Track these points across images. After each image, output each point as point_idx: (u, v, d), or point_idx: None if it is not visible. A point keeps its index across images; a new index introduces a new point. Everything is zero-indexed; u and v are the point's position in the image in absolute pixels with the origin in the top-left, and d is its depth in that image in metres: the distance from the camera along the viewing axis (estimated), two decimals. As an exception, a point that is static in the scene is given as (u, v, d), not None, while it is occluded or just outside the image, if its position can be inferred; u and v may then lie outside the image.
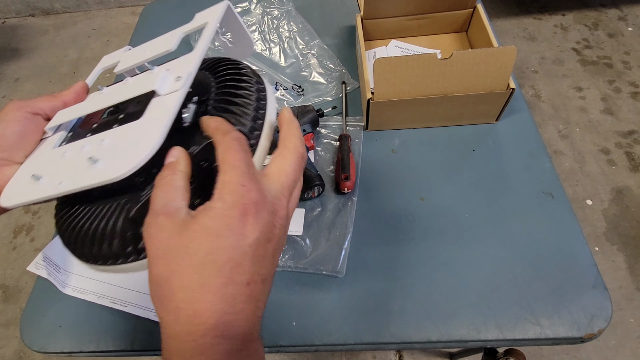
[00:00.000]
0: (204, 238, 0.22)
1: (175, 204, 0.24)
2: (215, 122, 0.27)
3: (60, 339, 0.53)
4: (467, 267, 0.54)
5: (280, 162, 0.28)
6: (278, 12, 0.87)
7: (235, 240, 0.23)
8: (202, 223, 0.23)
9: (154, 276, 0.23)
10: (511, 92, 0.60)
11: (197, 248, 0.22)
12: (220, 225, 0.23)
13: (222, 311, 0.22)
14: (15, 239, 1.50)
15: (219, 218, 0.23)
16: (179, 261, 0.22)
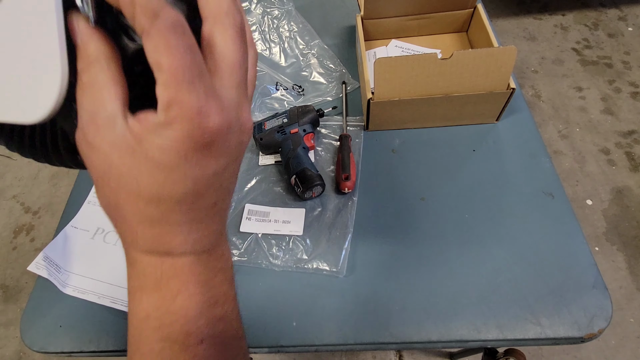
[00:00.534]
0: (154, 171, 0.19)
1: (105, 112, 0.18)
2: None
3: (60, 339, 0.53)
4: (467, 267, 0.54)
5: (223, 47, 0.19)
6: (278, 12, 0.87)
7: (195, 173, 0.19)
8: (150, 154, 0.18)
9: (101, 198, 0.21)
10: (511, 92, 0.60)
11: (147, 181, 0.19)
12: (173, 158, 0.18)
13: (188, 231, 0.21)
14: (15, 239, 1.50)
15: (171, 151, 0.18)
16: (127, 191, 0.19)
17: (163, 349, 0.21)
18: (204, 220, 0.22)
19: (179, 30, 0.17)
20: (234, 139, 0.20)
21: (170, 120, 0.18)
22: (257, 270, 0.56)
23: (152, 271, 0.21)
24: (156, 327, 0.22)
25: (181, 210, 0.20)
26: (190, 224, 0.21)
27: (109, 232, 0.60)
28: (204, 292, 0.22)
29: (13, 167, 1.70)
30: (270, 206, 0.61)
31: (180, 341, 0.22)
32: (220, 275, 0.23)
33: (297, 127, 0.64)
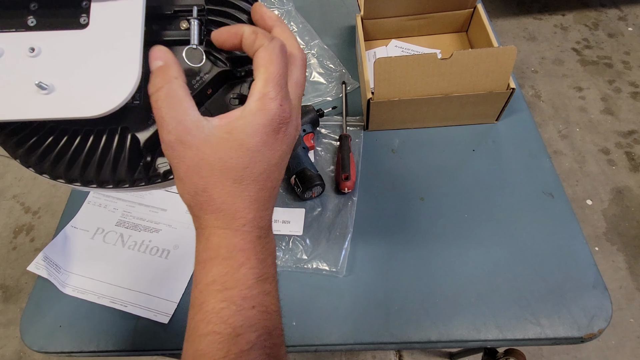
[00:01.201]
0: (242, 153, 0.25)
1: (190, 118, 0.24)
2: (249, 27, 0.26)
3: (60, 339, 0.53)
4: (467, 267, 0.54)
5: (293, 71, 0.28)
6: (278, 12, 0.87)
7: (270, 155, 0.26)
8: (240, 140, 0.24)
9: (189, 187, 0.25)
10: (511, 92, 0.60)
11: (236, 163, 0.25)
12: (258, 141, 0.25)
13: (257, 209, 0.26)
14: (15, 239, 1.50)
15: (257, 135, 0.25)
16: (217, 174, 0.25)
17: (222, 308, 0.25)
18: (268, 201, 0.27)
19: (283, 50, 0.26)
20: (292, 131, 0.27)
21: (260, 107, 0.25)
22: (257, 270, 0.56)
23: (225, 243, 0.26)
24: (220, 289, 0.25)
25: (255, 188, 0.26)
26: (259, 202, 0.26)
27: (109, 232, 0.60)
28: (261, 268, 0.26)
29: (13, 167, 1.70)
30: (270, 206, 0.61)
31: (237, 303, 0.25)
32: (270, 258, 0.28)
33: (297, 127, 0.64)
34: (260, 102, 0.25)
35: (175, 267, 0.57)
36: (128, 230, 0.60)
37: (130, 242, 0.59)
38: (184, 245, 0.59)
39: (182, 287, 0.55)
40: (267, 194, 0.27)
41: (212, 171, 0.25)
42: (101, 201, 0.64)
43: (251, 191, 0.26)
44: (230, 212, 0.26)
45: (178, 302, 0.54)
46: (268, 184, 0.26)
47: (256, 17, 0.29)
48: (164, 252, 0.58)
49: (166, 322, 0.52)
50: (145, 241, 0.59)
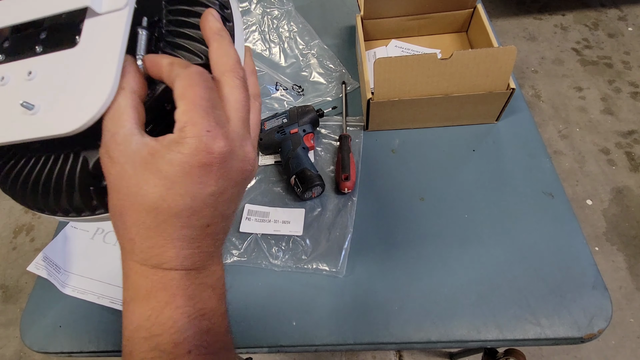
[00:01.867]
0: (158, 182, 0.21)
1: (123, 131, 0.22)
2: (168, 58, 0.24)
3: (60, 339, 0.53)
4: (467, 267, 0.54)
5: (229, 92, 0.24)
6: (278, 12, 0.87)
7: (195, 190, 0.22)
8: (158, 166, 0.21)
9: (111, 207, 0.23)
10: (511, 92, 0.60)
11: (151, 191, 0.21)
12: (178, 172, 0.21)
13: (180, 247, 0.23)
14: (15, 239, 1.50)
15: (178, 165, 0.21)
16: (132, 199, 0.22)
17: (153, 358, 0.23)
18: (196, 240, 0.23)
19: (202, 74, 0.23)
20: (235, 165, 0.23)
21: (183, 136, 0.21)
22: (257, 270, 0.56)
23: (144, 282, 0.23)
24: (146, 337, 0.23)
25: (176, 224, 0.22)
26: (182, 240, 0.23)
27: (109, 233, 0.60)
28: (192, 305, 0.24)
29: (13, 167, 1.70)
30: (270, 206, 0.61)
31: (168, 351, 0.23)
32: (208, 291, 0.25)
33: (297, 127, 0.64)
34: (182, 132, 0.21)
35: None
36: (128, 230, 0.60)
37: (130, 242, 0.59)
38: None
39: (182, 287, 0.55)
40: (194, 233, 0.23)
41: (128, 195, 0.22)
42: (101, 201, 0.64)
43: (169, 227, 0.22)
44: (144, 247, 0.23)
45: (178, 302, 0.54)
46: (194, 221, 0.23)
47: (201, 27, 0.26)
48: (164, 252, 0.58)
49: (166, 322, 0.52)
50: (145, 241, 0.59)
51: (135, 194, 0.22)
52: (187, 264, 0.23)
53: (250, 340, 0.51)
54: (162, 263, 0.23)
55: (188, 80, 0.22)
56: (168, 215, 0.22)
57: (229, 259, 0.57)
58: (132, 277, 0.23)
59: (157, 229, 0.22)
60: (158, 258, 0.23)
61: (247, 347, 0.51)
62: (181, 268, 0.23)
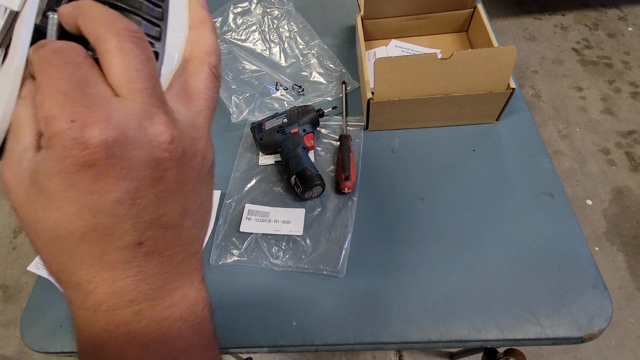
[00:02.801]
0: (46, 203, 0.16)
1: (19, 148, 0.17)
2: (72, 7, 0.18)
3: (60, 339, 0.53)
4: (467, 267, 0.54)
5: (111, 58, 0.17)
6: (278, 12, 0.87)
7: (90, 203, 0.16)
8: (40, 183, 0.16)
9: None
10: (511, 92, 0.60)
11: (44, 217, 0.17)
12: (59, 184, 0.16)
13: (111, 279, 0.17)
14: (15, 239, 1.50)
15: (55, 176, 0.16)
16: (34, 232, 0.18)
17: None
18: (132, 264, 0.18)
19: (61, 49, 0.17)
20: (137, 155, 0.16)
21: (47, 138, 0.16)
22: (257, 270, 0.56)
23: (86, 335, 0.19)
24: None
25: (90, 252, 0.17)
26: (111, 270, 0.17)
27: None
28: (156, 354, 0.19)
29: (13, 167, 1.70)
30: (270, 206, 0.61)
31: None
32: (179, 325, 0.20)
33: (297, 127, 0.64)
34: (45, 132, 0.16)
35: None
36: (128, 230, 0.60)
37: (130, 242, 0.59)
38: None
39: (182, 287, 0.55)
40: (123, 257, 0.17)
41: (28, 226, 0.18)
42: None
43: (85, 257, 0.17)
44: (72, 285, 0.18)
45: (178, 302, 0.54)
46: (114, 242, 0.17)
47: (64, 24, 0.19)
48: (164, 252, 0.58)
49: (166, 322, 0.52)
50: (145, 241, 0.59)
51: (33, 224, 0.17)
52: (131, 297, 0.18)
53: (250, 340, 0.51)
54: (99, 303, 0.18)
55: (41, 63, 0.16)
56: (74, 242, 0.17)
57: (229, 258, 0.57)
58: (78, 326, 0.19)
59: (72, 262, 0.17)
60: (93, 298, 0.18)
61: (247, 347, 0.51)
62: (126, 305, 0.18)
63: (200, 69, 0.21)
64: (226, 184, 0.64)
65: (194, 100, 0.20)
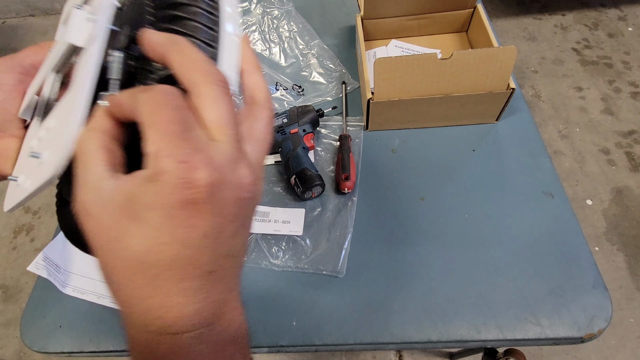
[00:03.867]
0: (140, 232, 0.18)
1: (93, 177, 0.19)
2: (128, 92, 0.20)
3: (60, 339, 0.53)
4: (467, 267, 0.54)
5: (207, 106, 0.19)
6: (278, 12, 0.87)
7: (183, 236, 0.18)
8: (136, 212, 0.18)
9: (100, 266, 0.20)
10: (511, 92, 0.60)
11: (134, 243, 0.18)
12: (160, 217, 0.17)
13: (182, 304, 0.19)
14: (15, 239, 1.50)
15: (157, 208, 0.17)
16: (115, 256, 0.19)
17: None
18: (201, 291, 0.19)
19: (167, 92, 0.19)
20: (228, 196, 0.19)
21: (156, 172, 0.17)
22: (257, 270, 0.56)
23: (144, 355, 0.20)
24: None
25: (171, 279, 0.18)
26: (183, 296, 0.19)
27: (109, 232, 0.60)
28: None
29: (13, 167, 1.70)
30: (270, 206, 0.61)
31: None
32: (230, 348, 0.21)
33: (297, 127, 0.64)
34: (153, 168, 0.17)
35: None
36: (128, 230, 0.60)
37: (130, 242, 0.59)
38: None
39: (182, 287, 0.55)
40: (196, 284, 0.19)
41: (110, 251, 0.19)
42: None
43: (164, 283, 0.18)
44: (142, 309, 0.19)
45: (178, 302, 0.54)
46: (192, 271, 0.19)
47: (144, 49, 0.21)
48: (164, 252, 0.58)
49: (166, 322, 0.52)
50: (145, 241, 0.59)
51: (117, 249, 0.18)
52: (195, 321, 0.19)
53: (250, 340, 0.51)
54: (167, 327, 0.19)
55: (151, 104, 0.18)
56: (159, 269, 0.18)
57: (229, 259, 0.57)
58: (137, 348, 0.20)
59: (150, 287, 0.18)
60: (160, 321, 0.19)
61: (247, 347, 0.51)
62: (190, 329, 0.19)
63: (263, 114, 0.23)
64: (226, 184, 0.64)
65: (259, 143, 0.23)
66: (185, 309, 0.19)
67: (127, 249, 0.18)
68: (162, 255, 0.18)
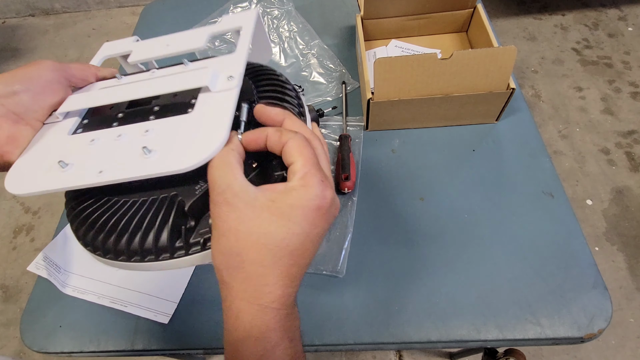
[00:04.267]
0: (282, 224, 0.25)
1: (238, 183, 0.25)
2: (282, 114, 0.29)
3: (60, 339, 0.53)
4: (467, 267, 0.54)
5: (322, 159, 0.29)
6: (278, 12, 0.87)
7: (308, 230, 0.25)
8: (281, 209, 0.25)
9: (223, 248, 0.25)
10: (511, 92, 0.60)
11: (275, 231, 0.25)
12: (299, 215, 0.25)
13: (285, 285, 0.25)
14: (15, 239, 1.50)
15: (299, 208, 0.25)
16: (254, 239, 0.25)
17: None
18: (297, 279, 0.26)
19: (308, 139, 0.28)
20: (333, 211, 0.27)
21: (304, 184, 0.26)
22: (257, 270, 0.56)
23: (258, 323, 0.25)
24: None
25: (287, 263, 0.25)
26: (288, 279, 0.25)
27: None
28: (292, 347, 0.26)
29: (13, 167, 1.70)
30: (270, 206, 0.61)
31: None
32: (298, 334, 0.27)
33: (297, 127, 0.64)
34: (303, 180, 0.26)
35: (175, 267, 0.57)
36: (128, 230, 0.60)
37: (130, 242, 0.59)
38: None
39: (182, 287, 0.55)
40: (297, 271, 0.26)
41: (250, 235, 0.25)
42: (101, 201, 0.64)
43: (283, 265, 0.25)
44: (259, 285, 0.25)
45: (178, 302, 0.54)
46: (301, 260, 0.26)
47: (263, 119, 0.30)
48: (164, 252, 0.58)
49: (166, 322, 0.52)
50: (145, 241, 0.59)
51: (258, 234, 0.25)
52: (288, 303, 0.26)
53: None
54: (271, 302, 0.25)
55: (301, 142, 0.27)
56: (283, 254, 0.25)
57: (229, 259, 0.57)
58: (245, 317, 0.25)
59: (271, 268, 0.25)
60: (269, 297, 0.25)
61: None
62: (284, 308, 0.25)
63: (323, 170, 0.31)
64: (226, 184, 0.64)
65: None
66: (286, 290, 0.25)
67: (267, 234, 0.24)
68: (291, 242, 0.25)
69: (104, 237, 0.29)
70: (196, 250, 0.29)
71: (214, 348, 0.51)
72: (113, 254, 0.29)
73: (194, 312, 0.53)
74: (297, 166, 0.26)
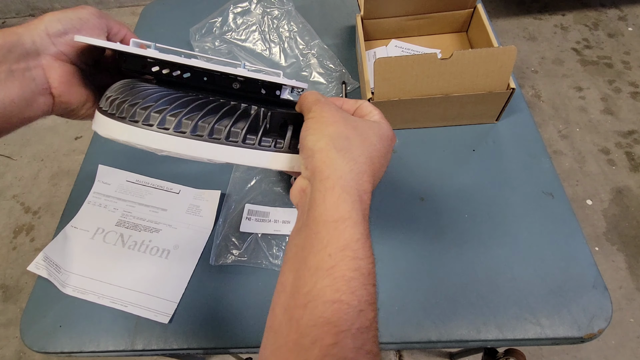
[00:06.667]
0: (375, 134, 0.32)
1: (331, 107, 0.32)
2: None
3: (60, 339, 0.53)
4: (467, 267, 0.54)
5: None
6: (278, 12, 0.87)
7: (385, 152, 0.33)
8: (369, 124, 0.33)
9: (334, 132, 0.30)
10: (511, 92, 0.60)
11: (368, 134, 0.32)
12: (375, 137, 0.32)
13: (369, 182, 0.30)
14: (15, 239, 1.50)
15: (375, 135, 0.32)
16: (358, 134, 0.31)
17: (352, 278, 0.26)
18: (374, 187, 0.31)
19: None
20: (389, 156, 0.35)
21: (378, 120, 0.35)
22: (257, 270, 0.56)
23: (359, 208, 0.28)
24: (353, 257, 0.26)
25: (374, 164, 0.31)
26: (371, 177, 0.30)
27: (109, 232, 0.60)
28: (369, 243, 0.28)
29: (13, 167, 1.70)
30: (270, 206, 0.61)
31: (365, 275, 0.26)
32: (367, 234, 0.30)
33: (297, 127, 0.64)
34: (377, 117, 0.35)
35: (175, 267, 0.57)
36: (128, 230, 0.60)
37: (131, 242, 0.59)
38: (184, 245, 0.59)
39: (182, 287, 0.55)
40: (374, 181, 0.31)
41: (355, 129, 0.31)
42: (101, 201, 0.64)
43: (371, 165, 0.30)
44: (359, 173, 0.29)
45: (178, 302, 0.54)
46: (378, 172, 0.32)
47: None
48: (164, 252, 0.58)
49: (166, 322, 0.53)
50: (146, 241, 0.59)
51: (360, 131, 0.31)
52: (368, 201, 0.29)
53: (250, 341, 0.51)
54: (362, 193, 0.28)
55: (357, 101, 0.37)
56: (374, 156, 0.31)
57: (229, 258, 0.57)
58: (344, 203, 0.27)
59: (366, 163, 0.30)
60: (363, 186, 0.29)
61: (247, 347, 0.51)
62: (368, 200, 0.29)
63: None
64: (226, 184, 0.64)
65: None
66: (369, 187, 0.30)
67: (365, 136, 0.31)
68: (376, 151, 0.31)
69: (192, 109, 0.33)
70: (266, 147, 0.35)
71: (214, 348, 0.51)
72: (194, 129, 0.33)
73: (194, 312, 0.53)
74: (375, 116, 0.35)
